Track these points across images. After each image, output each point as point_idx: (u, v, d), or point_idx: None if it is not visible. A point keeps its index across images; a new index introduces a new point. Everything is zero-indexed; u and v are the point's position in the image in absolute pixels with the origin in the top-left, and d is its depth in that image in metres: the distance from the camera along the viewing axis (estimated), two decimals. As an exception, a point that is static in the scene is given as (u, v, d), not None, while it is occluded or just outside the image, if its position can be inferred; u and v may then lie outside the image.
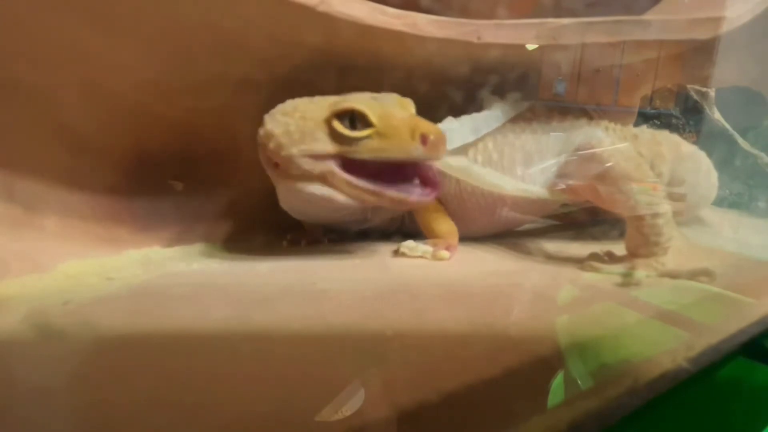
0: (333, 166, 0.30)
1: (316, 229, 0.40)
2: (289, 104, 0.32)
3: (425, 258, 0.35)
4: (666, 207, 0.33)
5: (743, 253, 0.42)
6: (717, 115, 0.46)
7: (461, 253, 0.38)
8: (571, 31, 0.31)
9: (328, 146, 0.30)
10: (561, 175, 0.36)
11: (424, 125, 0.29)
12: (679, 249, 0.37)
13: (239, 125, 0.39)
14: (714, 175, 0.45)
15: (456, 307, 0.27)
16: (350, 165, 0.31)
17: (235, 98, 0.36)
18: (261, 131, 0.32)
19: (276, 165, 0.32)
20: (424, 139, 0.29)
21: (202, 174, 0.40)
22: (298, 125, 0.30)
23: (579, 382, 0.19)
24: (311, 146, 0.30)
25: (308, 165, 0.30)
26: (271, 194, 0.44)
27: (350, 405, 0.16)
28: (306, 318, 0.25)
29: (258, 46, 0.32)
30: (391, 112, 0.30)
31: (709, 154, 0.44)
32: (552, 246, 0.40)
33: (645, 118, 0.51)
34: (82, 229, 0.33)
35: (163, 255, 0.37)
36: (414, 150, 0.29)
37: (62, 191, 0.32)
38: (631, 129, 0.42)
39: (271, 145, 0.31)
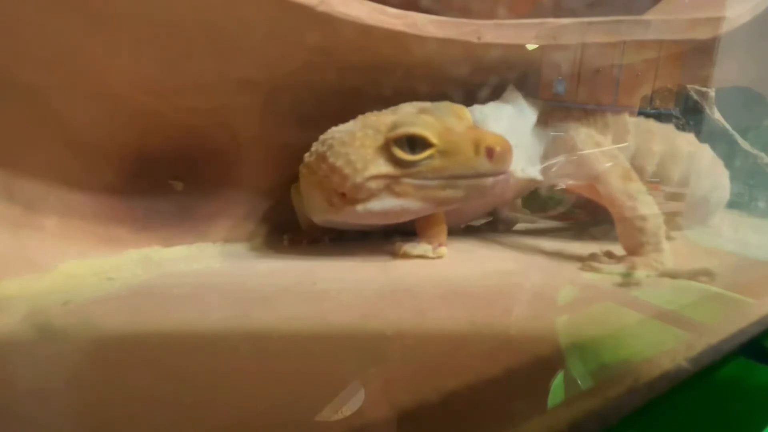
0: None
1: (316, 228, 0.40)
2: (344, 132, 0.31)
3: (427, 257, 0.35)
4: (653, 209, 0.33)
5: (743, 253, 0.42)
6: (717, 115, 0.46)
7: (461, 253, 0.38)
8: (571, 31, 0.31)
9: (390, 169, 0.30)
10: (561, 174, 0.36)
11: (489, 137, 0.29)
12: (678, 249, 0.37)
13: (239, 125, 0.39)
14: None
15: (456, 306, 0.27)
16: None
17: (235, 98, 0.36)
18: (323, 165, 0.31)
19: (342, 195, 0.31)
20: (490, 153, 0.28)
21: (202, 174, 0.40)
22: (359, 154, 0.30)
23: (579, 382, 0.19)
24: (375, 172, 0.30)
25: (375, 185, 0.30)
26: (270, 194, 0.44)
27: (350, 405, 0.16)
28: (306, 318, 0.25)
29: (257, 46, 0.32)
30: (449, 127, 0.30)
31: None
32: (552, 246, 0.40)
33: (645, 117, 0.51)
34: (82, 228, 0.33)
35: (163, 255, 0.37)
36: (480, 165, 0.28)
37: (62, 191, 0.32)
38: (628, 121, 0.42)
39: (336, 178, 0.30)
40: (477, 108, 0.36)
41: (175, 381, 0.18)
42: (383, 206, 0.31)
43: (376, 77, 0.35)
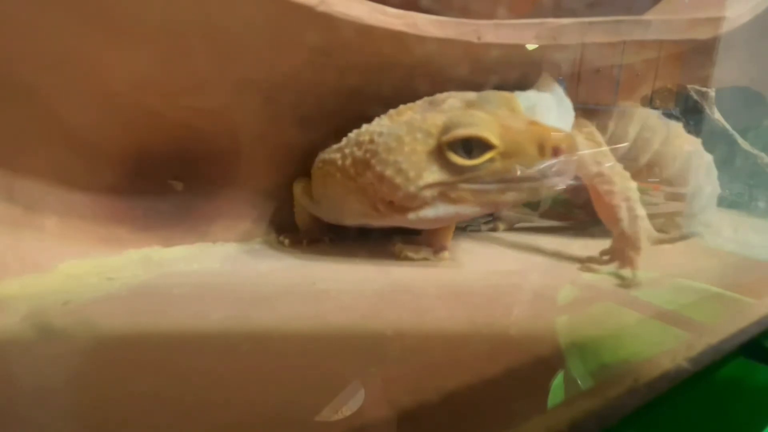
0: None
1: (316, 228, 0.40)
2: (389, 137, 0.28)
3: (428, 259, 0.35)
4: (641, 211, 0.33)
5: (743, 253, 0.42)
6: (717, 115, 0.46)
7: (462, 253, 0.38)
8: (570, 31, 0.31)
9: (446, 176, 0.27)
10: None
11: (553, 135, 0.25)
12: (678, 249, 0.37)
13: (239, 125, 0.39)
14: (714, 175, 0.45)
15: (456, 306, 0.27)
16: None
17: (236, 98, 0.36)
18: (368, 173, 0.29)
19: (391, 203, 0.29)
20: (556, 152, 0.25)
21: (202, 174, 0.40)
22: (410, 162, 0.27)
23: (579, 382, 0.19)
24: (430, 180, 0.27)
25: (429, 193, 0.27)
26: (270, 194, 0.44)
27: (350, 404, 0.16)
28: (305, 318, 0.25)
29: (257, 46, 0.32)
30: (510, 125, 0.26)
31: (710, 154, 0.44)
32: (552, 246, 0.40)
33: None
34: (82, 229, 0.33)
35: (163, 255, 0.36)
36: (547, 167, 0.26)
37: (62, 191, 0.32)
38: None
39: (385, 188, 0.28)
40: (522, 95, 0.33)
41: (175, 380, 0.18)
42: (437, 213, 0.28)
43: (376, 77, 0.35)
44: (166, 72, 0.32)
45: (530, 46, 0.33)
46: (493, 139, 0.26)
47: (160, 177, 0.39)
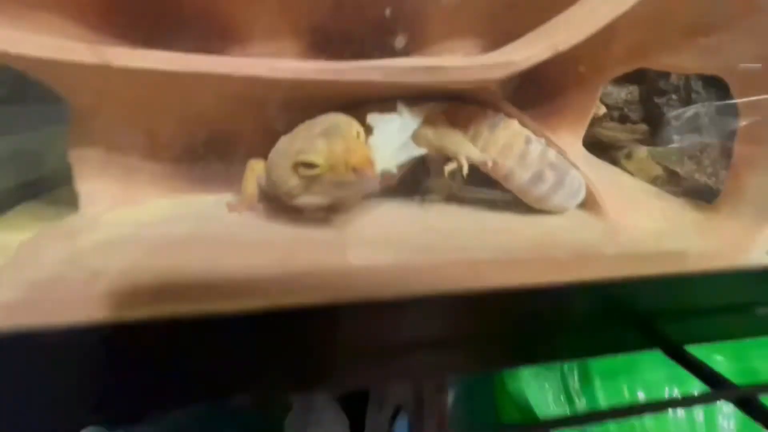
0: None
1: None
2: (275, 153, 0.49)
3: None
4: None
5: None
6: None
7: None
8: (352, 74, 0.43)
9: (300, 182, 0.46)
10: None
11: (354, 158, 0.41)
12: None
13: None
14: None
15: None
16: None
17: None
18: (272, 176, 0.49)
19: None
20: (354, 169, 0.42)
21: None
22: (282, 171, 0.47)
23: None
24: (291, 183, 0.46)
25: (296, 191, 0.47)
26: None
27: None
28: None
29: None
30: (333, 149, 0.42)
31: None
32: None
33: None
34: (159, 184, 0.62)
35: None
36: (350, 177, 0.42)
37: (148, 162, 0.61)
38: None
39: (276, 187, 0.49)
40: (371, 117, 0.48)
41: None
42: (306, 200, 0.47)
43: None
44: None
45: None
46: (318, 161, 0.43)
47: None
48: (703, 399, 0.46)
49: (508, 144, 0.50)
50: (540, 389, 1.16)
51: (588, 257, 0.45)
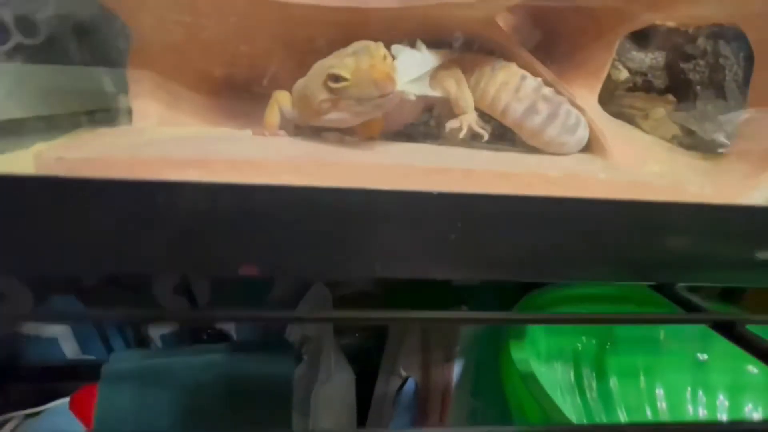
0: None
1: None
2: (312, 71, 0.54)
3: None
4: None
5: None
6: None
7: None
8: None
9: (329, 95, 0.51)
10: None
11: (376, 73, 0.46)
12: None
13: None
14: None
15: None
16: None
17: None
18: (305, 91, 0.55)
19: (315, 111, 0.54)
20: (375, 82, 0.47)
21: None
22: (315, 86, 0.52)
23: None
24: (321, 96, 0.51)
25: (325, 105, 0.52)
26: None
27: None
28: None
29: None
30: (360, 66, 0.47)
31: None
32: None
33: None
34: (199, 114, 0.70)
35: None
36: (372, 90, 0.47)
37: (193, 94, 0.68)
38: None
39: (309, 100, 0.54)
40: (395, 47, 0.54)
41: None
42: (333, 117, 0.52)
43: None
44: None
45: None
46: (346, 75, 0.48)
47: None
48: (683, 319, 0.47)
49: (505, 81, 0.54)
50: (550, 369, 1.15)
51: (578, 177, 0.47)
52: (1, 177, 0.37)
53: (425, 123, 0.63)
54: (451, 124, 0.56)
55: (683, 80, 0.78)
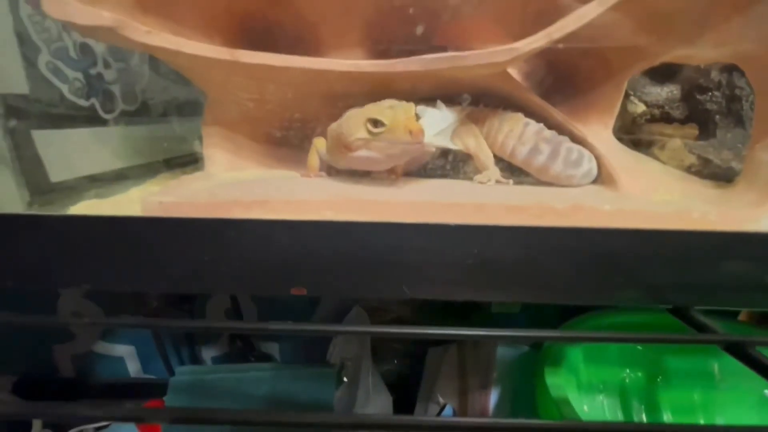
0: None
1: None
2: (349, 113, 0.62)
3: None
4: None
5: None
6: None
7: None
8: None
9: (366, 135, 0.59)
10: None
11: (412, 125, 0.53)
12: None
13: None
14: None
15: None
16: None
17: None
18: (339, 131, 0.61)
19: (346, 147, 0.60)
20: (410, 132, 0.54)
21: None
22: (351, 126, 0.60)
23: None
24: (357, 135, 0.58)
25: (359, 143, 0.59)
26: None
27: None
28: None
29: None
30: (395, 116, 0.55)
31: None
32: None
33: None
34: (258, 161, 0.82)
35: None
36: (406, 138, 0.55)
37: (252, 143, 0.81)
38: None
39: (342, 137, 0.60)
40: (419, 108, 0.63)
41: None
42: (363, 155, 0.60)
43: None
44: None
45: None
46: (386, 121, 0.57)
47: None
48: (694, 340, 0.50)
49: (510, 129, 0.63)
50: (593, 401, 1.14)
51: (583, 208, 0.53)
52: (116, 218, 0.49)
53: (442, 167, 0.71)
54: (479, 179, 0.64)
55: (702, 110, 0.81)
